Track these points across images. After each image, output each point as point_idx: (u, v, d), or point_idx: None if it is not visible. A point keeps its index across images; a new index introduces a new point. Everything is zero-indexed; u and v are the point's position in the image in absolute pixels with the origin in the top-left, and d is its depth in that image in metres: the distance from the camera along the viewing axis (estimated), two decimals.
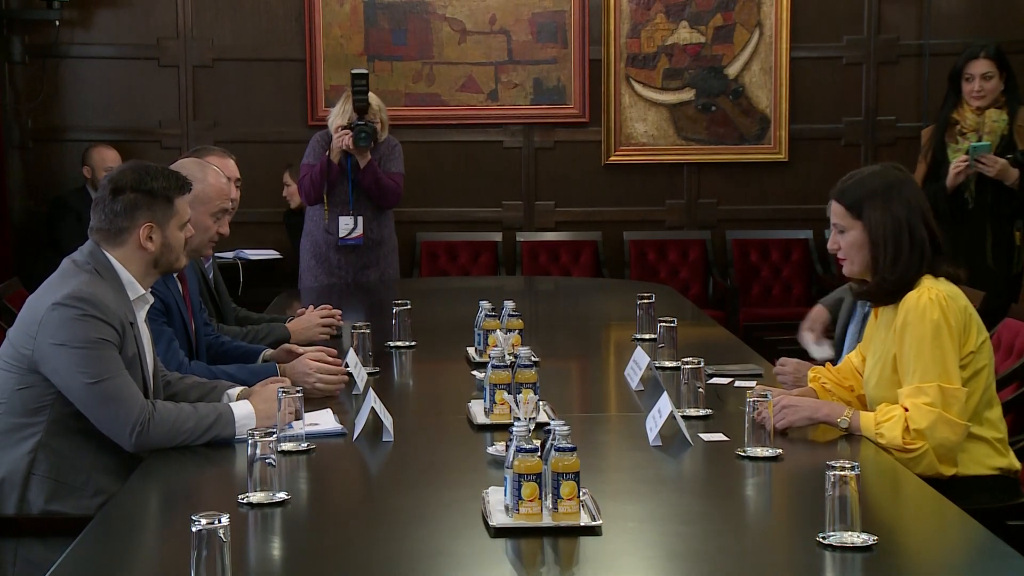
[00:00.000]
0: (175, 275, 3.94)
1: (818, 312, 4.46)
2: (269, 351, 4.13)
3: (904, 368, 3.30)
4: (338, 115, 6.24)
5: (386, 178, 6.23)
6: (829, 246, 3.51)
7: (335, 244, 6.27)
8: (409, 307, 4.59)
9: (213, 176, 4.06)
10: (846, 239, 3.42)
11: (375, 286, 6.23)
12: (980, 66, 5.90)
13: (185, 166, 4.01)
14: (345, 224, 6.24)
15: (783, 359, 3.86)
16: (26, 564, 3.16)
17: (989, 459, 3.34)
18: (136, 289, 3.34)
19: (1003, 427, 3.42)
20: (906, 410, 3.23)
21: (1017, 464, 3.39)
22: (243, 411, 3.32)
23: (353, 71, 6.21)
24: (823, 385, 3.62)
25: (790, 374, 3.79)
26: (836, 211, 3.43)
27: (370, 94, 6.15)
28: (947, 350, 3.25)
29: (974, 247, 5.81)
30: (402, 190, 6.33)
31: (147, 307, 3.41)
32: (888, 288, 3.36)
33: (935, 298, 3.29)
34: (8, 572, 3.16)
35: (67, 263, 3.34)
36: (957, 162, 5.82)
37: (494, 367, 3.46)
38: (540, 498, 2.62)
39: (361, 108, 6.12)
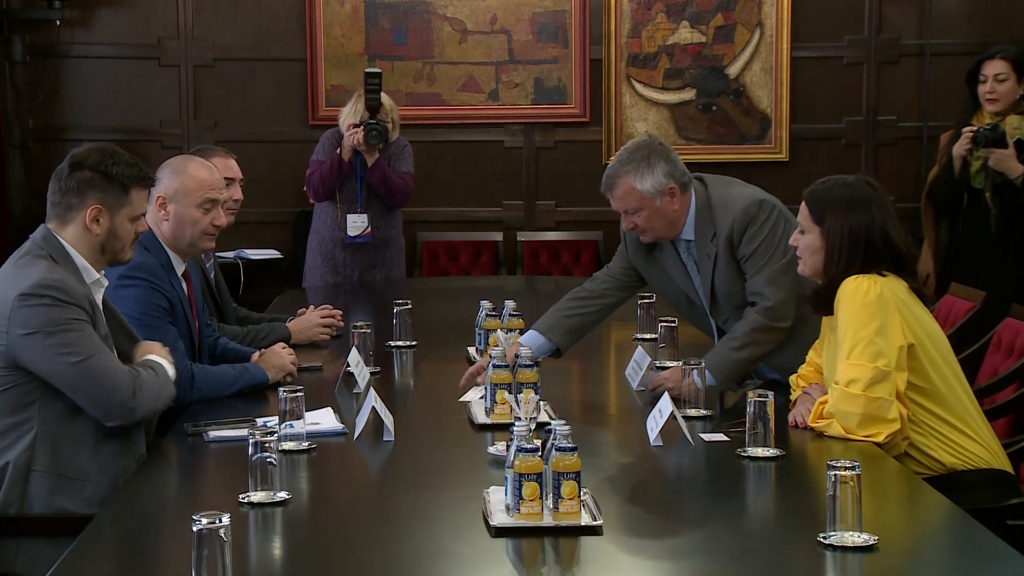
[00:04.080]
0: (180, 274, 3.94)
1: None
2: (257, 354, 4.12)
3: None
4: (350, 114, 6.27)
5: (395, 176, 6.25)
6: (790, 242, 3.59)
7: (342, 242, 6.28)
8: (410, 307, 4.59)
9: (195, 168, 3.99)
10: (804, 240, 3.49)
11: (380, 286, 6.24)
12: (994, 67, 5.81)
13: (170, 163, 4.01)
14: (354, 222, 6.25)
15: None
16: (28, 560, 3.16)
17: (939, 450, 3.35)
18: (91, 273, 3.33)
19: (966, 417, 3.39)
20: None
21: (980, 451, 3.38)
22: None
23: (367, 70, 6.23)
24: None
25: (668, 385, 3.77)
26: (802, 211, 3.51)
27: (382, 94, 6.17)
28: (862, 325, 3.29)
29: (994, 255, 5.79)
30: (411, 189, 6.35)
31: (103, 290, 3.39)
32: (825, 294, 3.42)
33: (868, 280, 3.34)
34: (10, 566, 3.16)
35: (20, 254, 3.31)
36: (967, 131, 5.76)
37: (495, 367, 3.46)
38: (541, 498, 2.62)
39: (373, 107, 6.15)
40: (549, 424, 2.70)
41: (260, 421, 3.25)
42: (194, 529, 2.22)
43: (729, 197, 3.90)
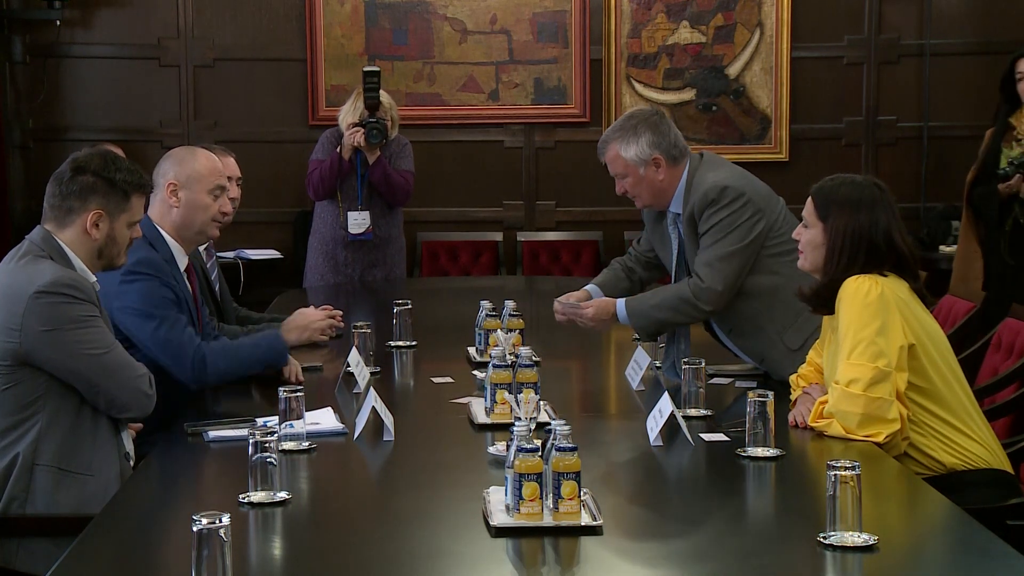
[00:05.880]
0: (183, 269, 3.97)
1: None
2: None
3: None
4: (349, 112, 6.28)
5: (395, 174, 6.27)
6: (793, 235, 3.61)
7: (343, 241, 6.29)
8: (410, 307, 4.60)
9: (202, 156, 4.05)
10: (807, 235, 3.51)
11: (380, 285, 6.24)
12: None
13: (173, 153, 4.08)
14: (355, 219, 6.26)
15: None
16: (28, 558, 3.16)
17: (939, 450, 3.35)
18: (88, 275, 3.36)
19: (965, 417, 3.39)
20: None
21: (980, 452, 3.37)
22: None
23: (365, 69, 6.24)
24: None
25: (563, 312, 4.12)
26: (807, 206, 3.52)
27: (381, 92, 6.18)
28: (863, 325, 3.29)
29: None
30: (412, 187, 6.37)
31: (97, 292, 3.42)
32: (825, 294, 3.42)
33: (870, 280, 3.34)
34: (11, 562, 3.16)
35: (19, 254, 3.32)
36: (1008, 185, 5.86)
37: (495, 367, 3.46)
38: (541, 498, 2.62)
39: (372, 105, 6.16)
40: (549, 424, 2.70)
41: (260, 421, 3.25)
42: (194, 529, 2.22)
43: (704, 178, 4.01)
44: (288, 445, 3.17)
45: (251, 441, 2.79)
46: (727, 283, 3.89)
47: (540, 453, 2.63)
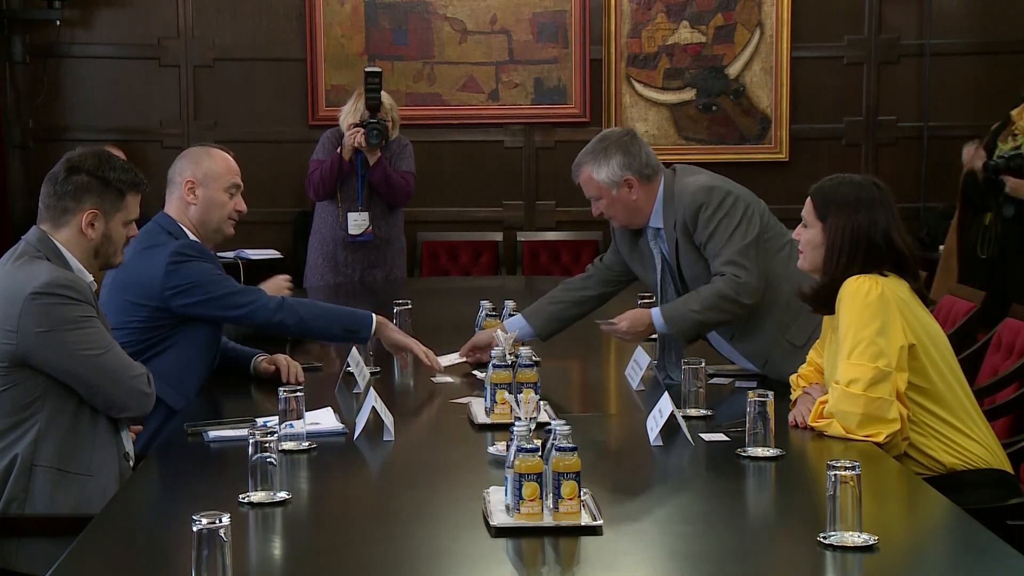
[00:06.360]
0: None
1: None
2: (262, 357, 4.11)
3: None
4: (350, 113, 6.28)
5: (396, 175, 6.27)
6: (793, 235, 3.61)
7: (343, 242, 6.29)
8: (410, 307, 4.60)
9: (218, 155, 4.09)
10: (807, 234, 3.51)
11: (380, 285, 6.24)
12: None
13: (188, 153, 4.10)
14: (354, 220, 6.27)
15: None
16: (28, 559, 3.16)
17: (939, 450, 3.35)
18: (85, 275, 3.36)
19: (964, 417, 3.39)
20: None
21: (980, 452, 3.37)
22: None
23: (367, 69, 6.24)
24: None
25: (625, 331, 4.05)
26: (807, 206, 3.51)
27: (382, 93, 6.19)
28: (863, 325, 3.29)
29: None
30: (412, 188, 6.37)
31: (94, 292, 3.42)
32: (825, 294, 3.42)
33: (870, 280, 3.34)
34: (11, 562, 3.16)
35: (15, 255, 3.32)
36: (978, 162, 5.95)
37: (495, 367, 3.46)
38: (541, 498, 2.62)
39: (373, 106, 6.16)
40: (549, 424, 2.70)
41: (260, 421, 3.25)
42: (194, 529, 2.22)
43: (684, 186, 4.01)
44: (288, 445, 3.17)
45: (251, 441, 2.79)
46: (757, 275, 3.89)
47: (540, 453, 2.63)
